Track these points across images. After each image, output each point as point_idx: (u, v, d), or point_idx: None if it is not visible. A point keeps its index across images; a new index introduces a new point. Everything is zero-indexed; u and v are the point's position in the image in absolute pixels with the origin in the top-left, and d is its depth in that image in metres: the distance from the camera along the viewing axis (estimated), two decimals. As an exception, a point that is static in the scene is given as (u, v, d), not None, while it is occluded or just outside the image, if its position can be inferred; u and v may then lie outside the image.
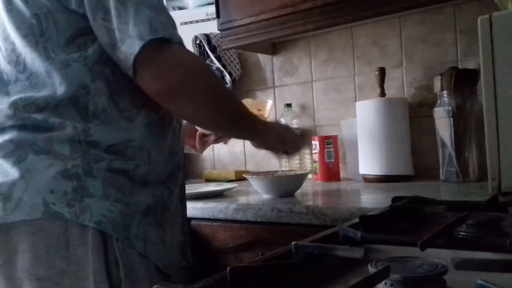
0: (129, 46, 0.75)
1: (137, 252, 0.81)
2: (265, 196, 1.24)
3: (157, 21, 0.77)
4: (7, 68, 0.83)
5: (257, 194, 1.29)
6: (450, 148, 1.28)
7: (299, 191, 1.27)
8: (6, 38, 0.84)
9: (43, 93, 0.80)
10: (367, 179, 1.45)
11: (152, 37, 0.75)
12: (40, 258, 0.75)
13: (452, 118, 1.26)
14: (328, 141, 1.53)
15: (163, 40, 0.77)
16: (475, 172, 1.27)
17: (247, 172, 1.48)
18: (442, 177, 1.31)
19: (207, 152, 1.86)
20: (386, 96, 1.45)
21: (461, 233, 0.62)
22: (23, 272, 0.75)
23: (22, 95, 0.80)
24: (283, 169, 1.68)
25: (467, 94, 1.26)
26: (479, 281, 0.40)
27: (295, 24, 1.45)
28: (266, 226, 1.10)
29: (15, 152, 0.79)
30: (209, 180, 1.80)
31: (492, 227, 0.63)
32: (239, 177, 1.69)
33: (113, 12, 0.77)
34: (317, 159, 1.54)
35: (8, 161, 0.78)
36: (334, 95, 1.67)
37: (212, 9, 1.66)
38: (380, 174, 1.40)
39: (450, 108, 1.26)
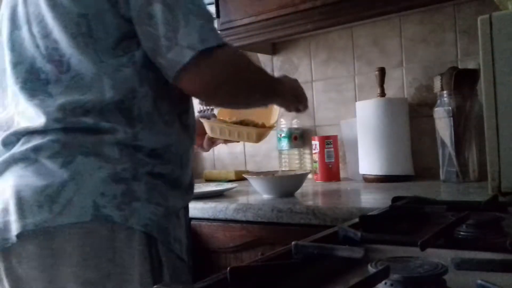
0: (178, 54, 0.77)
1: (175, 255, 0.81)
2: (265, 196, 1.24)
3: (206, 30, 0.79)
4: (46, 67, 0.80)
5: (257, 194, 1.29)
6: (450, 148, 1.28)
7: (299, 191, 1.27)
8: (47, 36, 0.80)
9: (90, 96, 0.78)
10: (367, 179, 1.45)
11: (203, 48, 0.77)
12: (88, 261, 0.73)
13: (452, 118, 1.26)
14: (328, 141, 1.53)
15: (211, 49, 0.79)
16: (475, 172, 1.27)
17: (247, 172, 1.48)
18: (442, 177, 1.31)
19: (207, 152, 1.86)
20: (386, 96, 1.45)
21: (461, 233, 0.62)
22: (68, 275, 0.73)
23: (69, 98, 0.78)
24: (283, 169, 1.68)
25: (467, 94, 1.26)
26: (479, 281, 0.39)
27: (295, 24, 1.45)
28: (266, 226, 1.10)
29: (61, 153, 0.76)
30: (209, 180, 1.80)
31: (492, 227, 0.63)
32: (239, 177, 1.69)
33: (160, 18, 0.77)
34: (317, 159, 1.54)
35: (54, 162, 0.76)
36: (334, 95, 1.67)
37: (212, 9, 1.66)
38: (380, 174, 1.40)
39: (450, 108, 1.26)
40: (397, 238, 0.61)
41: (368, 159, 1.43)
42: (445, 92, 1.28)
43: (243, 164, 1.89)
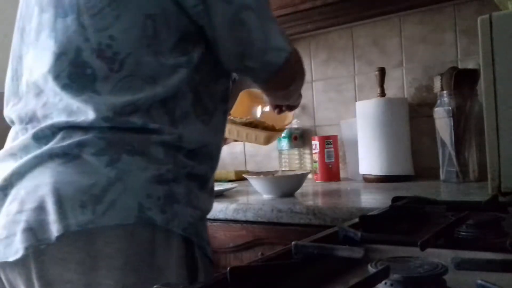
0: (274, 56, 0.84)
1: (208, 259, 0.80)
2: (265, 196, 1.24)
3: (283, 33, 0.87)
4: (94, 62, 0.74)
5: (257, 194, 1.29)
6: (450, 148, 1.28)
7: (299, 191, 1.27)
8: (102, 30, 0.75)
9: (139, 96, 0.75)
10: (367, 179, 1.45)
11: (291, 49, 0.86)
12: (129, 265, 0.69)
13: (452, 118, 1.26)
14: (328, 141, 1.53)
15: (292, 50, 0.87)
16: (475, 172, 1.27)
17: (247, 172, 1.47)
18: (442, 177, 1.31)
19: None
20: (386, 96, 1.45)
21: (461, 233, 0.62)
22: (107, 279, 0.68)
23: (119, 98, 0.74)
24: (283, 169, 1.68)
25: (467, 94, 1.26)
26: (479, 281, 0.39)
27: (295, 24, 1.45)
28: (266, 226, 1.10)
29: (107, 151, 0.72)
30: (209, 180, 1.80)
31: (492, 227, 0.63)
32: (239, 177, 1.68)
33: (253, 24, 0.80)
34: (317, 159, 1.54)
35: (99, 160, 0.71)
36: (334, 95, 1.67)
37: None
38: (380, 174, 1.40)
39: (450, 108, 1.26)
40: (397, 238, 0.61)
41: (368, 159, 1.43)
42: (445, 92, 1.28)
43: (243, 164, 1.89)
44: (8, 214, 0.71)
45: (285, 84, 0.94)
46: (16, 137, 0.81)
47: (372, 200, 1.16)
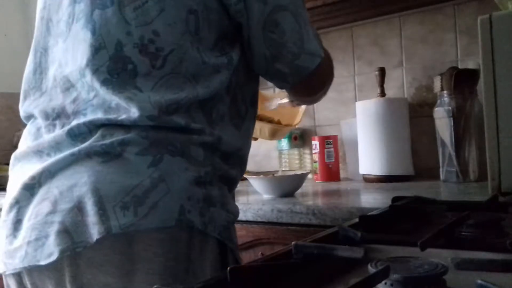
0: (306, 61, 0.81)
1: (239, 263, 0.77)
2: (265, 196, 1.24)
3: (318, 37, 0.86)
4: (136, 57, 0.71)
5: (257, 194, 1.29)
6: (450, 148, 1.28)
7: (299, 191, 1.27)
8: (146, 25, 0.72)
9: (181, 95, 0.72)
10: (367, 179, 1.45)
11: (323, 55, 0.84)
12: (169, 268, 0.67)
13: (452, 118, 1.26)
14: (328, 141, 1.53)
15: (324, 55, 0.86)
16: (475, 172, 1.27)
17: (247, 172, 1.47)
18: (442, 177, 1.31)
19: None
20: (386, 96, 1.45)
21: (461, 233, 0.62)
22: (143, 283, 0.65)
23: (163, 96, 0.71)
24: (283, 169, 1.68)
25: (467, 94, 1.26)
26: (479, 281, 0.39)
27: (295, 24, 1.44)
28: (266, 226, 1.10)
29: (150, 151, 0.69)
30: (209, 180, 1.80)
31: (492, 227, 0.63)
32: (239, 177, 1.68)
33: (287, 26, 0.78)
34: (317, 159, 1.54)
35: (141, 159, 0.68)
36: (334, 95, 1.67)
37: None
38: (380, 174, 1.40)
39: (450, 108, 1.26)
40: (397, 238, 0.61)
41: (368, 159, 1.43)
42: (445, 92, 1.28)
43: (243, 164, 1.89)
44: (38, 215, 0.67)
45: (314, 89, 0.92)
46: (38, 133, 0.77)
47: (372, 200, 1.16)
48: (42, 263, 0.65)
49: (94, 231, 0.64)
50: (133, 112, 0.69)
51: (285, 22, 0.78)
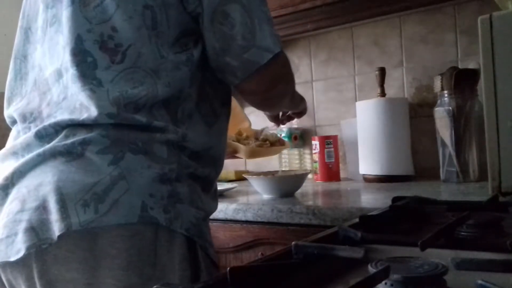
0: (255, 55, 0.79)
1: (210, 260, 0.79)
2: (265, 196, 1.24)
3: (275, 34, 0.82)
4: (96, 52, 0.74)
5: (257, 194, 1.29)
6: (450, 148, 1.28)
7: (299, 191, 1.27)
8: (104, 22, 0.75)
9: (141, 91, 0.74)
10: (367, 179, 1.45)
11: (277, 51, 0.81)
12: (132, 264, 0.68)
13: (452, 118, 1.26)
14: (328, 141, 1.53)
15: (280, 52, 0.83)
16: (475, 172, 1.27)
17: (247, 172, 1.47)
18: (442, 177, 1.31)
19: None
20: (386, 96, 1.45)
21: (461, 233, 0.62)
22: (109, 279, 0.67)
23: (123, 90, 0.73)
24: (283, 169, 1.68)
25: (467, 94, 1.26)
26: (479, 281, 0.39)
27: (295, 24, 1.45)
28: (266, 226, 1.10)
29: (111, 149, 0.71)
30: (209, 180, 1.80)
31: (492, 227, 0.63)
32: (239, 177, 1.69)
33: (237, 19, 0.77)
34: (317, 159, 1.54)
35: (102, 158, 0.70)
36: (334, 95, 1.67)
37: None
38: (380, 174, 1.40)
39: (450, 108, 1.26)
40: (397, 238, 0.61)
41: (368, 159, 1.43)
42: (445, 92, 1.28)
43: (243, 164, 1.89)
44: (9, 214, 0.70)
45: (264, 88, 0.86)
46: (18, 136, 0.80)
47: (372, 200, 1.16)
48: (12, 259, 0.68)
49: (56, 228, 0.66)
50: (93, 111, 0.72)
51: (235, 14, 0.77)
